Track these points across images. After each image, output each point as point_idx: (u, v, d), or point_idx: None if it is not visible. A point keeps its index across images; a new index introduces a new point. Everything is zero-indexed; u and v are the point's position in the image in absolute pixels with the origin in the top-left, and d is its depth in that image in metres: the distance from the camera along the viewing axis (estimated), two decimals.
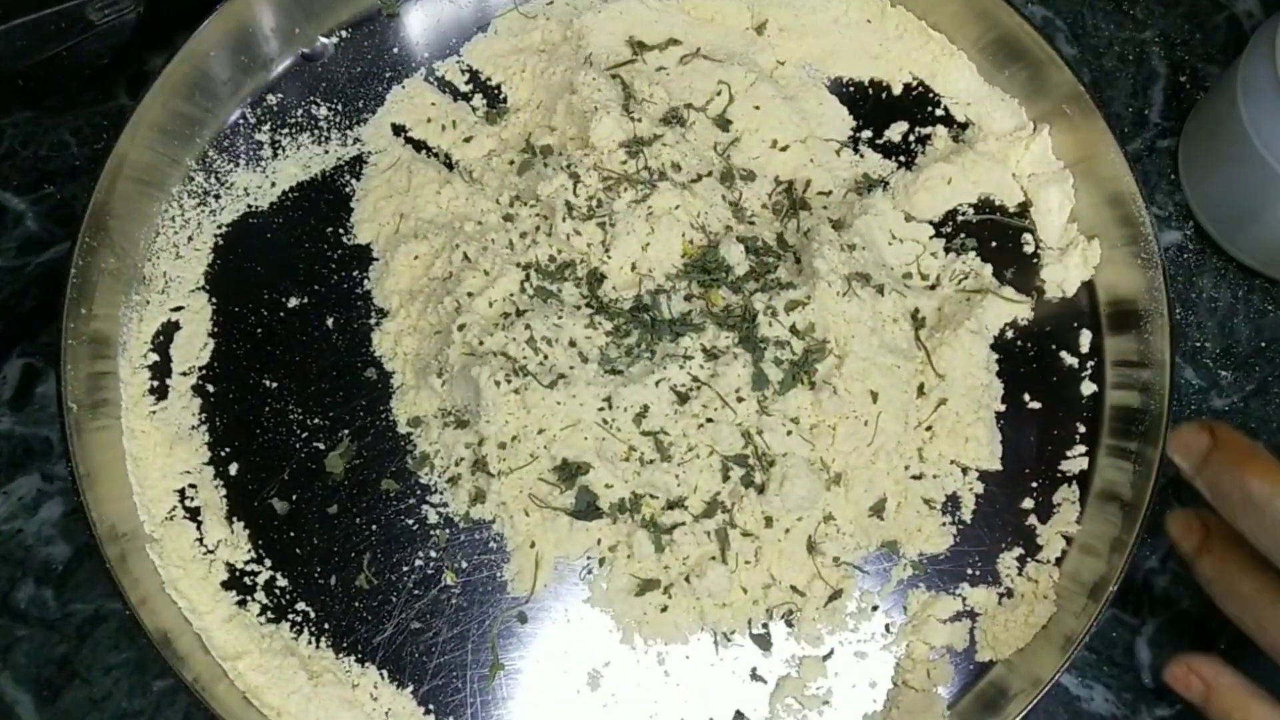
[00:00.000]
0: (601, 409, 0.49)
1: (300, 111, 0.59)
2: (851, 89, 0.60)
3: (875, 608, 0.50)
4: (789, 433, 0.49)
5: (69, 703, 0.49)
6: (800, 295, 0.50)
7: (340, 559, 0.51)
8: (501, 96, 0.59)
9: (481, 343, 0.50)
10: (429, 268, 0.54)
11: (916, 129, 0.59)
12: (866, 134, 0.59)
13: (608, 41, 0.59)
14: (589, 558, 0.50)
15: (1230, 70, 0.54)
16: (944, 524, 0.51)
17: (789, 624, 0.49)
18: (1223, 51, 0.62)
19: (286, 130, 0.59)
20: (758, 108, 0.57)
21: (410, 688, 0.49)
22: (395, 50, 0.61)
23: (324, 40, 0.60)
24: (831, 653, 0.49)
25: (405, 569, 0.51)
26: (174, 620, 0.49)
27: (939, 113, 0.59)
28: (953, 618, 0.50)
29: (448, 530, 0.51)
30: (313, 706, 0.48)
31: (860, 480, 0.50)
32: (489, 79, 0.60)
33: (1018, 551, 0.51)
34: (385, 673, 0.49)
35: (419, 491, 0.52)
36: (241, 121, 0.59)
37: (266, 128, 0.59)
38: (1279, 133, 0.51)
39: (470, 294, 0.52)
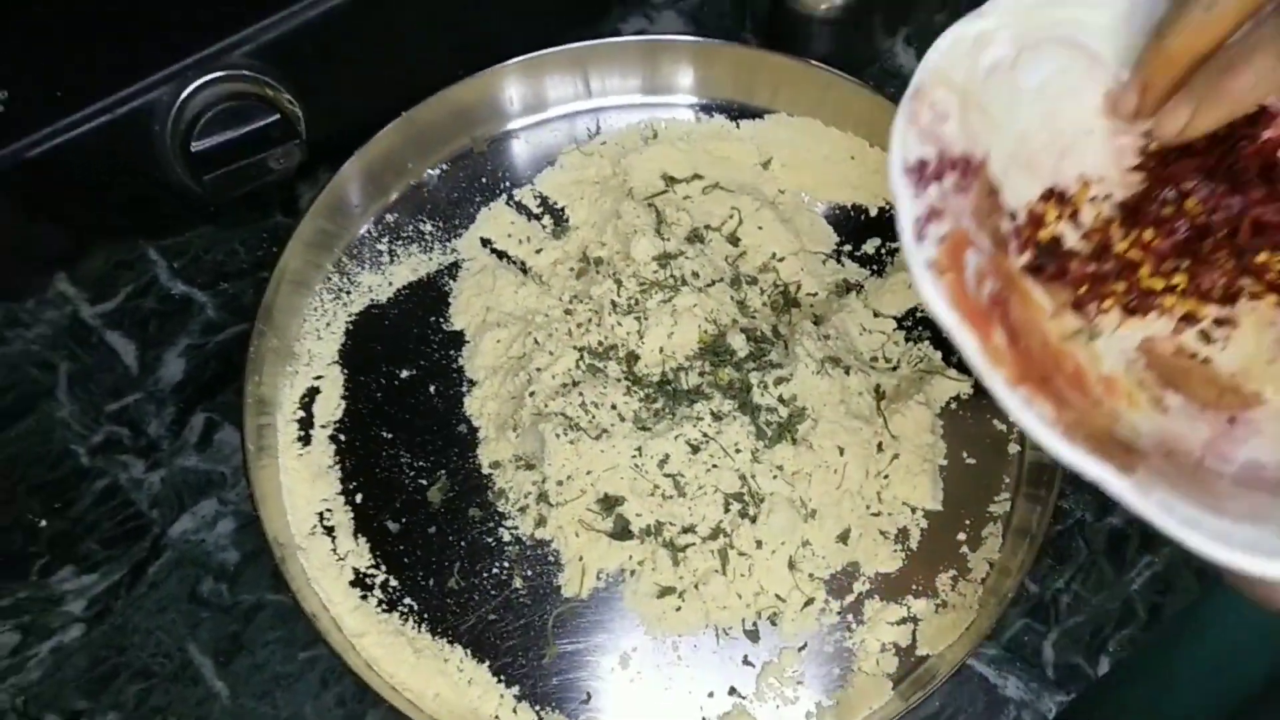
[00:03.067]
0: (634, 456, 0.65)
1: (411, 227, 0.77)
2: (837, 211, 0.76)
3: (839, 613, 0.65)
4: (775, 477, 0.65)
5: (238, 666, 0.66)
6: (786, 373, 0.66)
7: (436, 566, 0.67)
8: (565, 217, 0.77)
9: (546, 406, 0.67)
10: (508, 349, 0.72)
11: (887, 243, 0.75)
12: (847, 248, 0.75)
13: (645, 176, 0.76)
14: (623, 569, 0.66)
15: None
16: (895, 550, 0.66)
17: (773, 623, 0.65)
18: None
19: (400, 242, 0.77)
20: (761, 228, 0.74)
21: (486, 663, 0.65)
22: (483, 180, 0.79)
23: (430, 172, 0.79)
24: (805, 645, 0.64)
25: (485, 575, 0.67)
26: (317, 607, 0.65)
27: None
28: (899, 621, 0.64)
29: (517, 546, 0.67)
30: (416, 674, 0.64)
31: (830, 515, 0.66)
32: (556, 203, 0.77)
33: (952, 572, 0.66)
34: (468, 651, 0.65)
35: (496, 517, 0.68)
36: (367, 235, 0.77)
37: (385, 240, 0.77)
38: None
39: (539, 369, 0.69)
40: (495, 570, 0.67)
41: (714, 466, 0.65)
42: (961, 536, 0.67)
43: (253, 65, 0.68)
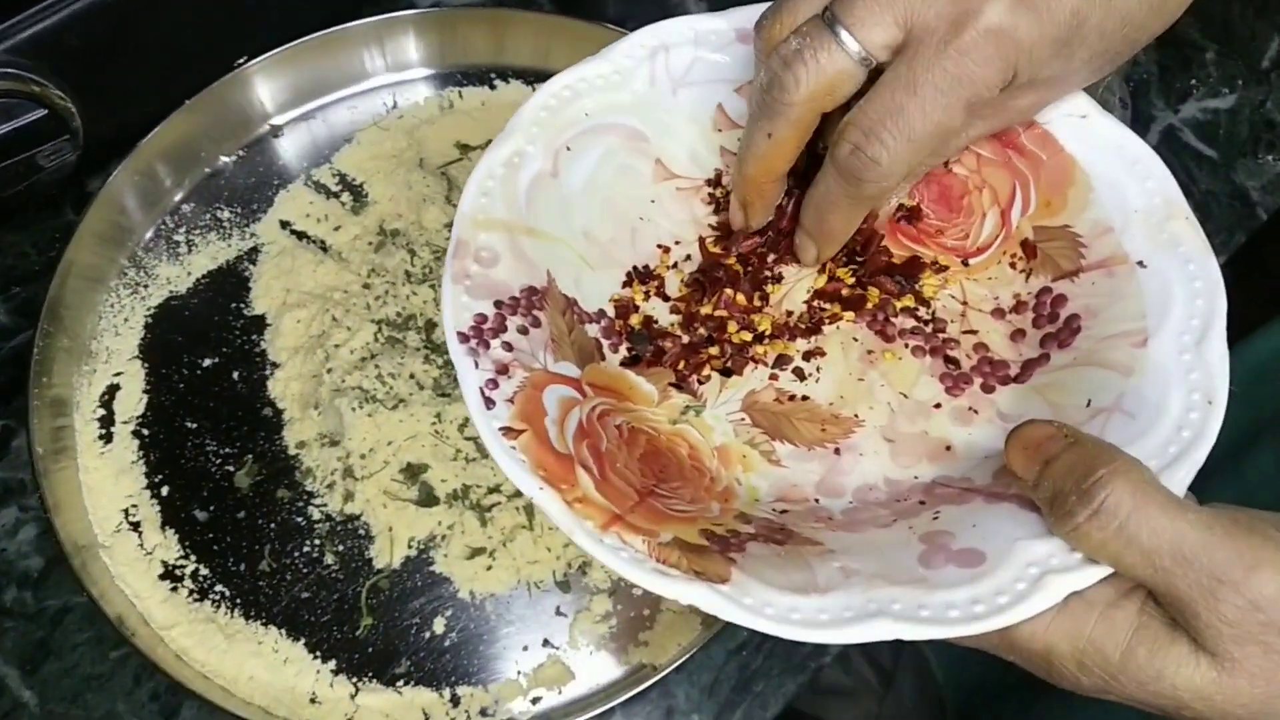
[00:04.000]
0: (434, 423, 0.66)
1: (208, 215, 0.76)
2: None
3: None
4: None
5: (47, 673, 0.65)
6: None
7: (247, 550, 0.67)
8: (364, 193, 0.77)
9: (343, 381, 0.67)
10: (308, 328, 0.71)
11: None
12: None
13: (439, 146, 0.76)
14: (433, 535, 0.67)
15: None
16: None
17: (583, 572, 0.66)
18: None
19: (198, 230, 0.76)
20: None
21: (302, 640, 0.64)
22: (281, 163, 0.78)
23: (225, 159, 0.78)
24: (615, 588, 0.66)
25: (297, 555, 0.67)
26: (124, 605, 0.64)
27: None
28: None
29: (327, 523, 0.67)
30: (228, 659, 0.63)
31: None
32: (354, 180, 0.77)
33: None
34: (283, 631, 0.64)
35: (305, 496, 0.68)
36: (163, 226, 0.76)
37: (183, 230, 0.76)
38: None
39: (336, 345, 0.69)
40: (307, 549, 0.67)
41: None
42: None
43: (15, 61, 0.67)
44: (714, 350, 0.52)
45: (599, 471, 0.45)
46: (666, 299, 0.53)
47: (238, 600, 0.66)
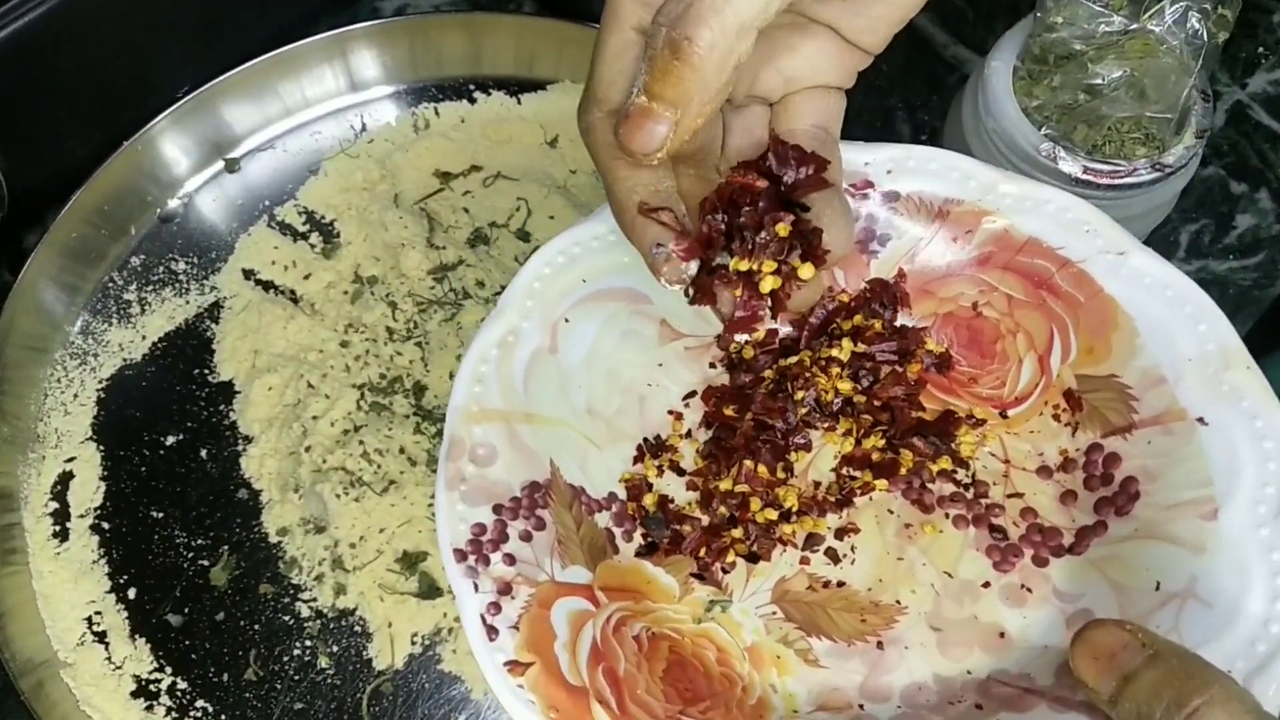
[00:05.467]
0: (430, 504, 0.58)
1: (161, 269, 0.68)
2: None
3: None
4: None
5: None
6: None
7: (230, 658, 0.59)
8: (335, 233, 0.68)
9: (324, 461, 0.59)
10: (282, 396, 0.63)
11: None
12: None
13: (415, 176, 0.67)
14: (438, 629, 0.59)
15: (941, 132, 0.64)
16: None
17: None
18: None
19: (150, 287, 0.67)
20: (553, 217, 0.66)
21: None
22: (239, 202, 0.69)
23: (175, 202, 0.69)
24: None
25: (286, 659, 0.59)
26: None
27: None
28: None
29: (319, 621, 0.60)
30: None
31: None
32: (323, 218, 0.68)
33: None
34: None
35: (292, 591, 0.60)
36: (110, 284, 0.67)
37: (133, 287, 0.67)
38: None
39: (314, 417, 0.61)
40: (297, 651, 0.59)
41: None
42: None
43: None
44: (737, 532, 0.47)
45: (618, 703, 0.41)
46: (682, 473, 0.49)
47: (223, 716, 0.58)
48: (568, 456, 0.46)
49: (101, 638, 0.59)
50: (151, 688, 0.59)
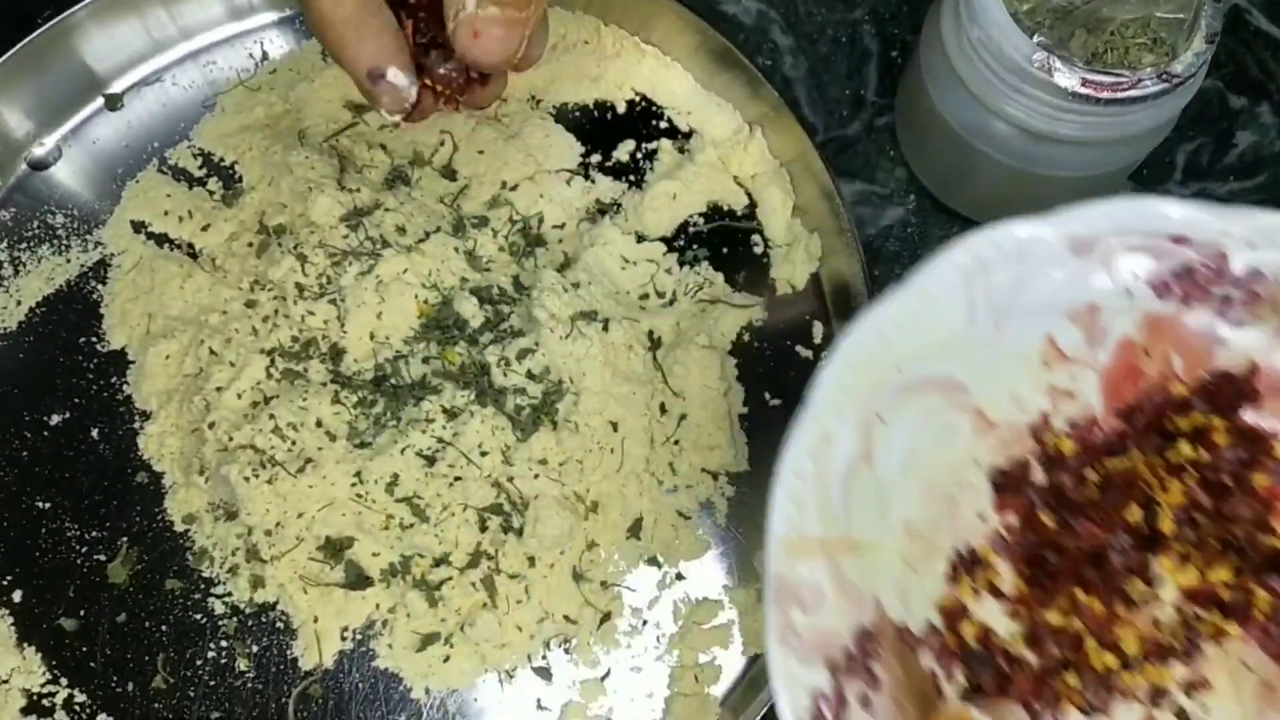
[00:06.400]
0: (354, 484, 0.51)
1: (36, 223, 0.59)
2: (577, 114, 0.61)
3: (645, 622, 0.53)
4: (536, 475, 0.51)
5: None
6: (529, 342, 0.52)
7: (135, 664, 0.52)
8: (236, 177, 0.60)
9: (231, 438, 0.52)
10: (181, 365, 0.55)
11: (643, 145, 0.61)
12: (596, 158, 0.60)
13: (324, 109, 0.59)
14: (371, 622, 0.53)
15: (915, 47, 0.57)
16: (700, 533, 0.54)
17: (566, 652, 0.52)
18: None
19: (24, 244, 0.59)
20: (482, 151, 0.59)
21: None
22: (125, 144, 0.61)
23: (46, 144, 0.60)
24: (609, 672, 0.52)
25: (199, 662, 0.53)
26: None
27: (663, 125, 0.61)
28: (716, 621, 0.53)
29: (235, 618, 0.53)
30: None
31: (615, 505, 0.53)
32: (221, 160, 0.60)
33: None
34: None
35: (203, 585, 0.53)
36: None
37: (3, 245, 0.59)
38: (960, 105, 0.53)
39: (219, 389, 0.53)
40: (212, 654, 0.53)
41: (457, 479, 0.51)
42: None
43: None
44: (1071, 679, 0.41)
45: None
46: (1001, 595, 0.43)
47: None
48: (888, 587, 0.41)
49: None
50: (45, 703, 0.52)
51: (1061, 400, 0.44)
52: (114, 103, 0.61)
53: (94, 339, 0.57)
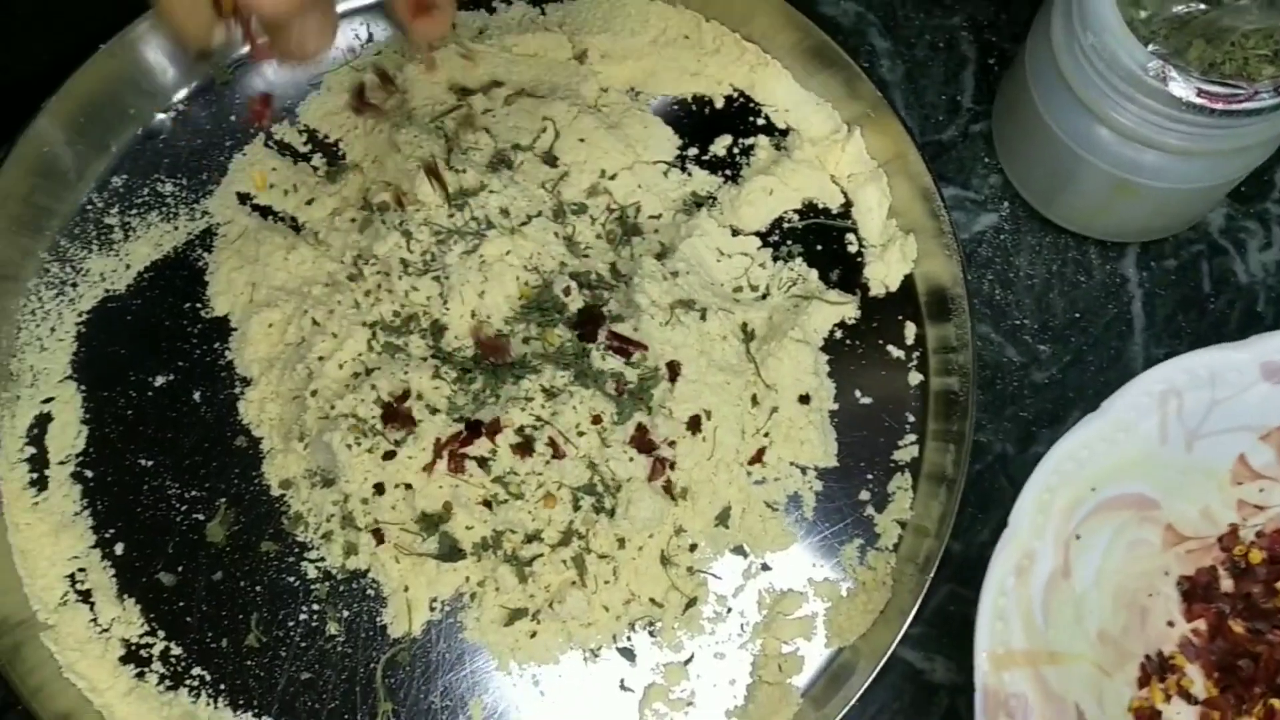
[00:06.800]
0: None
1: (146, 190, 0.61)
2: (675, 108, 0.62)
3: (730, 610, 0.54)
4: (631, 459, 0.52)
5: None
6: (629, 327, 0.53)
7: (229, 622, 0.54)
8: (340, 154, 0.61)
9: (333, 407, 0.53)
10: (283, 334, 0.57)
11: (740, 140, 0.61)
12: (693, 151, 0.61)
13: (430, 91, 0.60)
14: (460, 595, 0.54)
15: (1020, 51, 0.57)
16: (788, 524, 0.55)
17: (651, 634, 0.53)
18: (1025, 30, 0.65)
19: (135, 211, 0.60)
20: (583, 140, 0.59)
21: None
22: (232, 118, 0.62)
23: (161, 115, 0.62)
24: (692, 657, 0.53)
25: (291, 624, 0.54)
26: (75, 701, 0.52)
27: (760, 122, 0.62)
28: (801, 612, 0.54)
29: (327, 583, 0.54)
30: None
31: (705, 493, 0.54)
32: (326, 137, 0.62)
33: (858, 542, 0.55)
34: None
35: (297, 550, 0.55)
36: (90, 206, 0.60)
37: (115, 210, 0.60)
38: (1066, 112, 0.54)
39: (321, 358, 0.54)
40: (303, 616, 0.54)
41: (554, 457, 0.52)
42: (865, 496, 0.55)
43: None
44: None
45: None
46: (1193, 701, 0.45)
47: (222, 686, 0.53)
48: (1087, 695, 0.44)
49: (86, 597, 0.54)
50: (142, 653, 0.53)
51: (1251, 514, 0.47)
52: (224, 76, 0.62)
53: (198, 305, 0.59)
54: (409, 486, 0.52)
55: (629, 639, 0.53)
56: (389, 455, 0.51)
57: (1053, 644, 0.44)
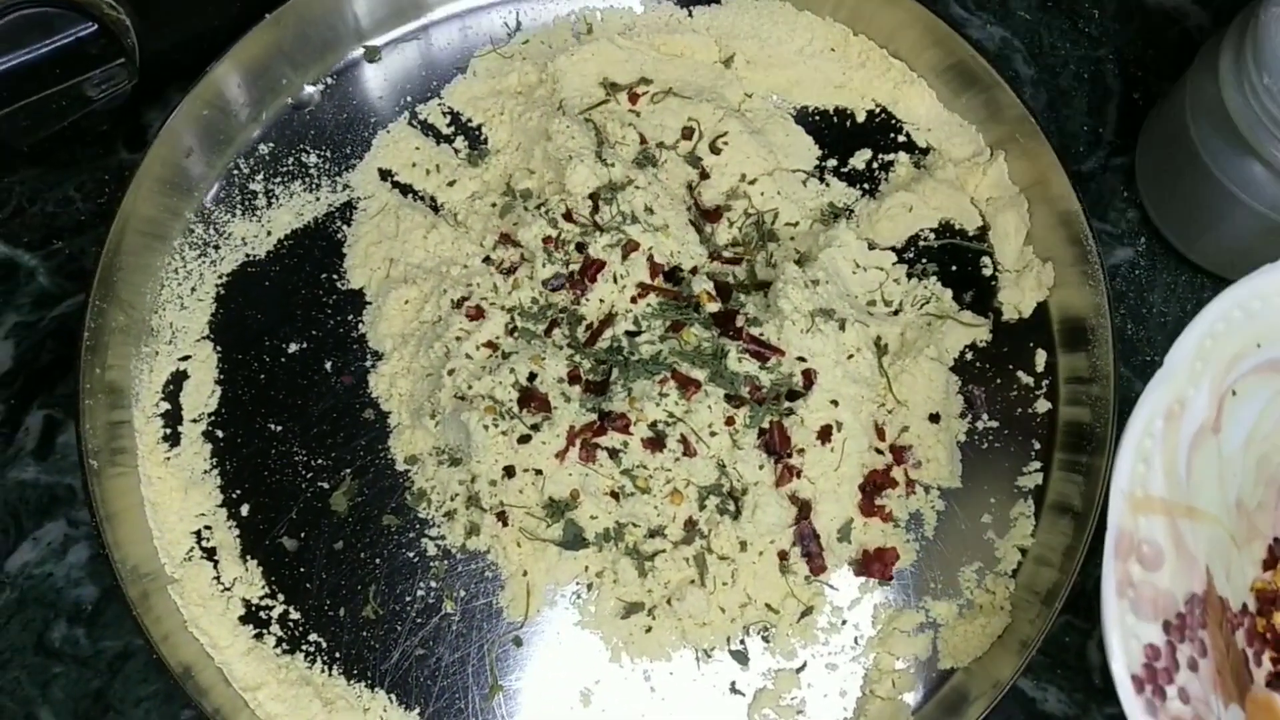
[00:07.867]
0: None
1: (291, 160, 0.62)
2: (817, 118, 0.62)
3: (844, 622, 0.54)
4: (760, 465, 0.52)
5: None
6: (768, 332, 0.53)
7: (347, 591, 0.55)
8: (482, 138, 0.62)
9: (470, 386, 0.53)
10: (419, 311, 0.58)
11: (880, 156, 0.61)
12: (832, 163, 0.61)
13: (580, 83, 0.61)
14: (578, 584, 0.54)
15: (1179, 87, 0.57)
16: (908, 541, 0.55)
17: (765, 639, 0.53)
18: (1174, 67, 0.64)
19: (279, 179, 0.61)
20: (726, 143, 0.60)
21: (416, 710, 0.53)
22: (379, 95, 0.63)
23: (311, 88, 0.63)
24: (804, 665, 0.53)
25: (408, 599, 0.54)
26: (196, 655, 0.53)
27: (901, 139, 0.62)
28: (916, 629, 0.53)
29: (446, 561, 0.55)
30: None
31: (829, 504, 0.54)
32: (470, 120, 0.62)
33: (977, 565, 0.54)
34: (393, 697, 0.53)
35: (418, 526, 0.55)
36: (236, 172, 0.61)
37: (260, 177, 0.61)
38: (1226, 150, 0.53)
39: (458, 338, 0.55)
40: (420, 592, 0.54)
41: (684, 454, 0.52)
42: (987, 519, 0.55)
43: None
44: None
45: None
46: None
47: (337, 655, 0.54)
48: (1218, 561, 0.42)
49: (211, 555, 0.55)
50: (261, 615, 0.54)
51: None
52: (373, 54, 0.63)
53: (334, 276, 0.60)
54: (539, 472, 0.53)
55: (743, 642, 0.53)
56: (524, 439, 0.52)
57: (1193, 498, 0.42)
